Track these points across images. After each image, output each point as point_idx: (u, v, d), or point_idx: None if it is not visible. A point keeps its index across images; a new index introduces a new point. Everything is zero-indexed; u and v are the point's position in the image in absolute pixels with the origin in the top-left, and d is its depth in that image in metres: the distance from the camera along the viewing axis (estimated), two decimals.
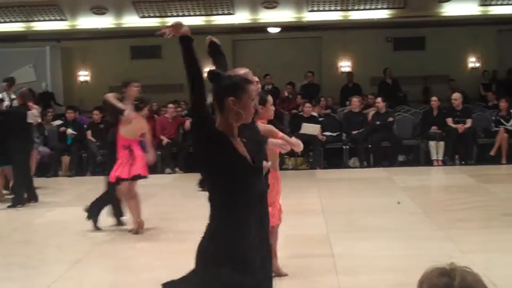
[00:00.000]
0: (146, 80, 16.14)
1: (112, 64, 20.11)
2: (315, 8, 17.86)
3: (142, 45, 20.14)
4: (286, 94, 17.96)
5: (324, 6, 17.78)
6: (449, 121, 15.44)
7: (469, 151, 15.25)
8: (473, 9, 17.83)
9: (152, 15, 18.02)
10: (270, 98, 6.24)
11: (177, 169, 15.30)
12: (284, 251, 8.10)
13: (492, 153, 15.14)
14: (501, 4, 17.70)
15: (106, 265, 7.71)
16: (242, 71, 4.90)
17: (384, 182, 12.89)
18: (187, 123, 15.82)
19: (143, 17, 18.02)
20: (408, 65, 19.62)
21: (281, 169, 14.77)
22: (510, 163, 14.93)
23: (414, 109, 17.54)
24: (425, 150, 15.47)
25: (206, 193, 3.54)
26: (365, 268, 7.02)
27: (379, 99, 15.88)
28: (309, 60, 20.16)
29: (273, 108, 6.28)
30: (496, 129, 15.32)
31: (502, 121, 15.36)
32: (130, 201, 9.09)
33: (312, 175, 14.08)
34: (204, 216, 3.57)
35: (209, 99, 3.70)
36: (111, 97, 9.27)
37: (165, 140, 15.53)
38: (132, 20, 18.19)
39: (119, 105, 9.05)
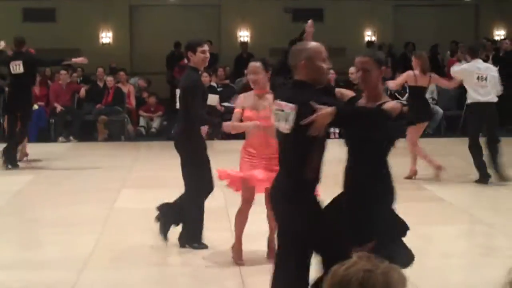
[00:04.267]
0: (39, 44, 15.57)
1: (1, 27, 19.25)
2: None
3: (34, 7, 19.36)
4: (185, 61, 17.41)
5: None
6: None
7: None
8: None
9: None
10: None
11: (71, 138, 14.87)
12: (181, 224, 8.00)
13: None
14: None
15: None
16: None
17: None
18: (82, 90, 15.40)
19: None
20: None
21: None
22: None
23: None
24: None
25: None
26: (262, 243, 6.98)
27: None
28: (208, 29, 19.95)
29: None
30: None
31: (397, 95, 15.64)
32: None
33: (210, 146, 13.79)
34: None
35: None
36: None
37: (58, 107, 15.05)
38: None
39: None
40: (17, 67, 11.30)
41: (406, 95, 15.47)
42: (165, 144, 14.33)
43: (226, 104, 15.28)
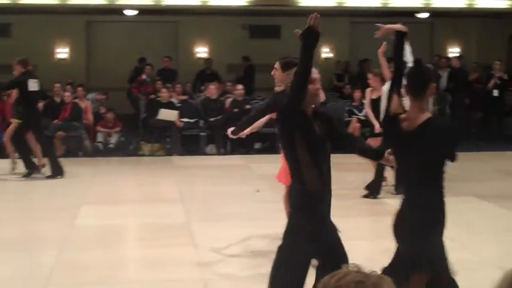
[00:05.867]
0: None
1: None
2: None
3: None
4: (144, 77, 17.35)
5: None
6: None
7: None
8: (329, 1, 18.20)
9: None
10: None
11: None
12: (143, 240, 7.97)
13: None
14: None
15: None
16: None
17: (242, 170, 12.94)
18: (40, 105, 15.21)
19: None
20: (263, 53, 19.78)
21: (136, 155, 14.61)
22: None
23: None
24: None
25: None
26: (228, 257, 6.99)
27: (239, 86, 15.87)
28: (166, 45, 19.95)
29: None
30: (349, 119, 15.73)
31: (355, 111, 15.80)
32: None
33: (169, 162, 13.91)
34: None
35: None
36: None
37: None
38: None
39: None
40: (35, 84, 11.73)
41: (364, 110, 15.67)
42: (123, 160, 14.25)
43: (184, 119, 15.20)
